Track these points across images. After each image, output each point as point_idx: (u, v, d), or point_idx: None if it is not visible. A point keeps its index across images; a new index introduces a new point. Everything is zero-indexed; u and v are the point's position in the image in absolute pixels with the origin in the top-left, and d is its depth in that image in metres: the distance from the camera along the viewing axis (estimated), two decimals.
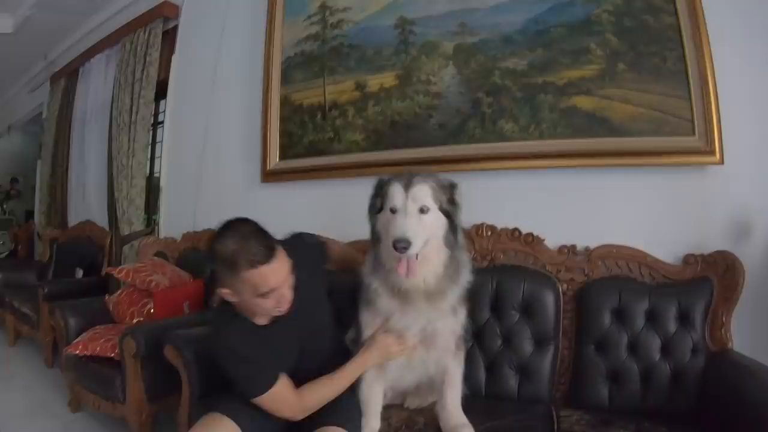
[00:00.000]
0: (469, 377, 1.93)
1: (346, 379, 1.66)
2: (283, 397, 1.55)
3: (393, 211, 1.56)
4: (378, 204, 1.65)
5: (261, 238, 1.44)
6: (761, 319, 1.96)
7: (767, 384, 1.60)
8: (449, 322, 1.70)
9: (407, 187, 1.56)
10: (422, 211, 1.55)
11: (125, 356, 2.34)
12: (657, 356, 1.94)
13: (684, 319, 1.95)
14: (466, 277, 1.69)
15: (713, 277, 1.97)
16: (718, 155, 2.00)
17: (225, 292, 1.48)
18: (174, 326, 2.33)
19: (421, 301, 1.61)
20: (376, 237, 1.67)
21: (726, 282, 1.94)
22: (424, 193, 1.56)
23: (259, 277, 1.40)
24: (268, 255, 1.41)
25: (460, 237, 1.66)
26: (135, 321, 2.76)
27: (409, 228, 1.49)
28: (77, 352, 2.55)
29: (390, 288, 1.63)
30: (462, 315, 1.74)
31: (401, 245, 1.46)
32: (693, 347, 1.91)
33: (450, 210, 1.61)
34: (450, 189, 1.63)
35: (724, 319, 1.92)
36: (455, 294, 1.66)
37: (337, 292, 2.04)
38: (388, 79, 2.68)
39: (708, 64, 2.02)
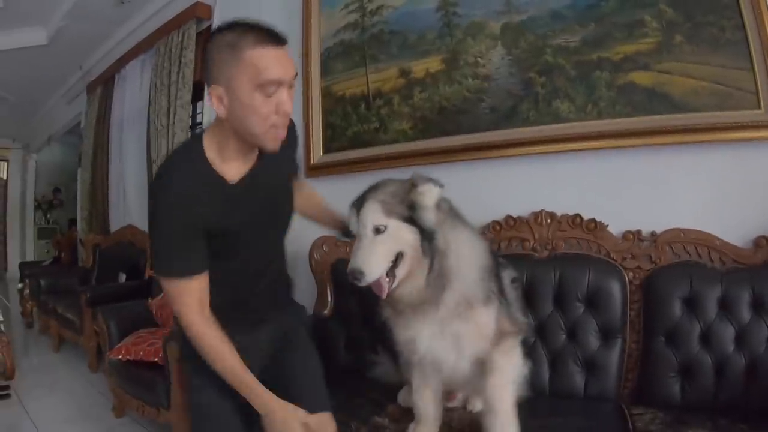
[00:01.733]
0: (532, 375, 1.80)
1: (245, 386, 1.35)
2: (191, 295, 1.29)
3: (354, 236, 1.46)
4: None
5: (274, 29, 1.25)
6: None
7: None
8: (474, 317, 1.50)
9: (358, 209, 1.43)
10: (378, 231, 1.39)
11: (170, 361, 2.29)
12: (731, 347, 1.81)
13: (758, 306, 1.80)
14: (464, 279, 1.47)
15: None
16: None
17: (216, 93, 1.22)
18: None
19: (408, 311, 1.50)
20: None
21: None
22: (372, 211, 1.40)
23: (265, 59, 1.19)
24: (279, 39, 1.23)
25: (440, 239, 1.43)
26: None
27: (359, 255, 1.37)
28: (120, 356, 2.53)
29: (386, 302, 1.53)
30: (492, 309, 1.53)
31: (352, 277, 1.36)
32: None
33: (414, 216, 1.41)
34: (408, 193, 1.43)
35: None
36: (448, 302, 1.46)
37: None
38: (433, 63, 2.59)
39: None
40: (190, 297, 1.28)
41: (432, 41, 2.60)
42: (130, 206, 4.77)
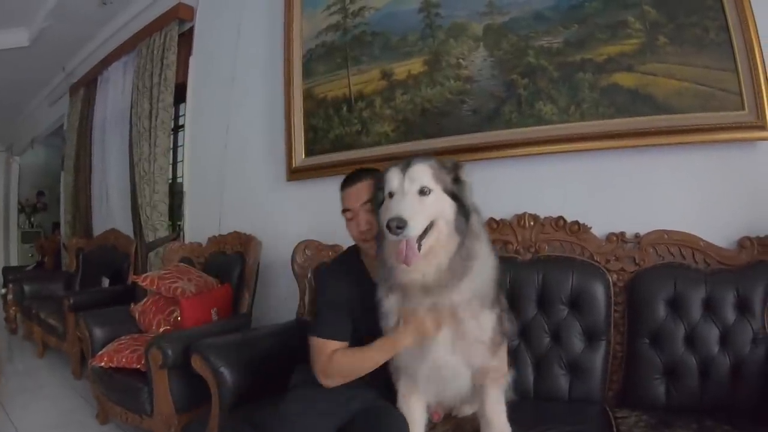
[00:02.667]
0: (516, 378, 1.82)
1: (376, 354, 1.54)
2: (322, 353, 1.59)
3: (391, 195, 1.43)
4: (381, 197, 1.51)
5: (368, 171, 1.71)
6: None
7: None
8: (477, 317, 1.49)
9: (404, 168, 1.44)
10: (422, 192, 1.39)
11: (151, 367, 2.26)
12: (716, 348, 1.81)
13: (743, 307, 1.81)
14: (483, 272, 1.47)
15: None
16: None
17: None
18: (202, 334, 2.28)
19: (419, 298, 1.44)
20: (381, 232, 1.50)
21: None
22: (422, 172, 1.42)
23: (343, 196, 1.70)
24: (356, 179, 1.68)
25: (474, 223, 1.47)
26: (161, 330, 2.69)
27: (405, 207, 1.35)
28: (102, 364, 2.48)
29: (391, 286, 1.50)
30: (494, 310, 1.53)
31: (393, 223, 1.30)
32: (753, 337, 1.78)
33: (456, 190, 1.44)
34: (454, 168, 1.48)
35: None
36: (463, 292, 1.44)
37: None
38: (415, 65, 2.57)
39: (753, 33, 1.89)
40: (321, 354, 1.59)
41: (414, 43, 2.58)
42: (112, 209, 4.72)
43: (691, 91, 1.99)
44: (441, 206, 1.41)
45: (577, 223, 2.15)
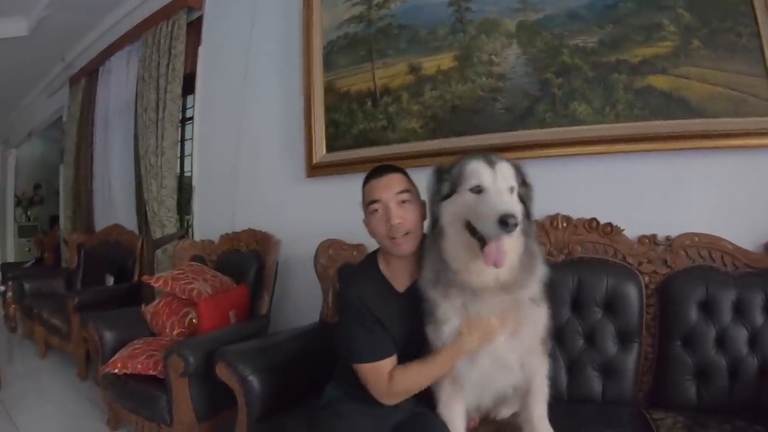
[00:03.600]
0: (550, 381, 1.76)
1: (439, 365, 1.50)
2: (381, 376, 1.52)
3: (478, 190, 1.36)
4: (445, 189, 1.44)
5: (392, 166, 1.64)
6: None
7: None
8: (532, 314, 1.48)
9: (491, 163, 1.38)
10: (510, 190, 1.37)
11: (171, 375, 2.17)
12: (745, 350, 1.84)
13: None
14: (542, 269, 1.48)
15: None
16: None
17: (364, 221, 1.62)
18: (223, 340, 2.23)
19: (492, 295, 1.40)
20: (439, 231, 1.46)
21: None
22: (508, 171, 1.39)
23: (368, 188, 1.59)
24: (383, 171, 1.60)
25: (533, 226, 1.50)
26: (175, 333, 2.61)
27: (510, 203, 1.31)
28: (116, 370, 2.38)
29: (457, 290, 1.42)
30: (544, 310, 1.53)
31: (513, 221, 1.23)
32: None
33: (524, 194, 1.45)
34: (520, 171, 1.47)
35: None
36: (532, 288, 1.45)
37: None
38: (445, 60, 2.50)
39: None
40: (377, 378, 1.52)
41: (444, 37, 2.51)
42: (116, 204, 4.62)
43: (723, 96, 2.01)
44: (518, 207, 1.38)
45: (610, 224, 2.14)
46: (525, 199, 1.44)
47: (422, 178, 1.60)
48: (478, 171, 1.37)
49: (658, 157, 2.12)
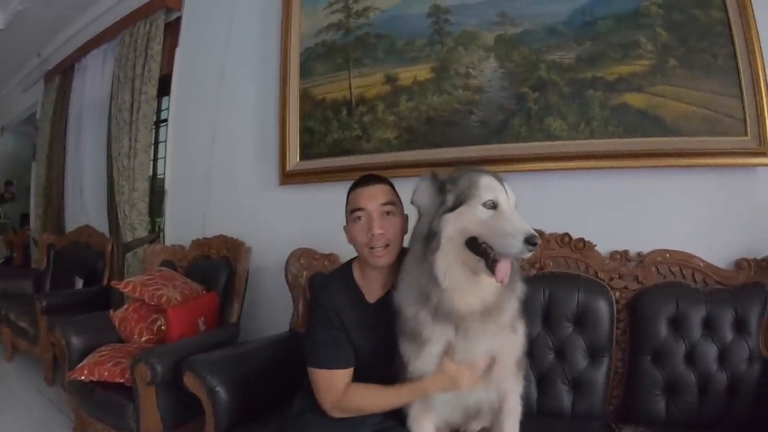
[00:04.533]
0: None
1: (400, 397, 1.49)
2: (334, 386, 1.52)
3: (491, 206, 1.32)
4: (450, 201, 1.37)
5: (379, 176, 1.63)
6: None
7: None
8: (509, 341, 1.45)
9: (500, 181, 1.37)
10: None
11: (138, 384, 2.12)
12: (714, 366, 1.88)
13: (740, 326, 1.89)
14: (521, 286, 1.46)
15: (767, 281, 1.92)
16: None
17: (345, 228, 1.62)
18: (192, 348, 2.18)
19: (477, 322, 1.36)
20: (434, 245, 1.37)
21: None
22: (511, 189, 1.38)
23: (354, 196, 1.58)
24: (370, 181, 1.59)
25: None
26: (144, 339, 2.55)
27: (525, 224, 1.28)
28: (82, 377, 2.32)
29: (441, 313, 1.37)
30: (521, 331, 1.50)
31: (537, 241, 1.24)
32: (749, 355, 1.86)
33: None
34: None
35: None
36: (514, 307, 1.43)
37: None
38: (422, 71, 2.50)
39: (759, 62, 1.98)
40: (329, 386, 1.52)
41: (421, 48, 2.51)
42: (87, 205, 4.53)
43: (698, 115, 2.05)
44: None
45: (582, 240, 2.16)
46: None
47: (398, 190, 1.62)
48: (493, 186, 1.34)
49: (632, 174, 2.15)
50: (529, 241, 1.22)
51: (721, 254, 2.04)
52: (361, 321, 1.56)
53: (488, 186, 1.33)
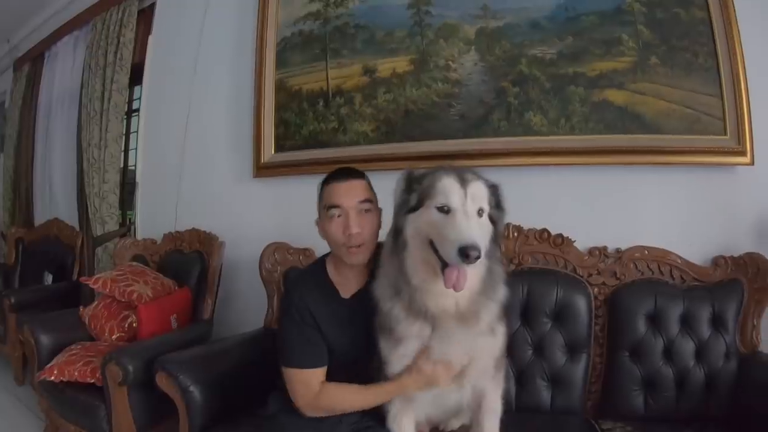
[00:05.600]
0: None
1: (377, 397, 1.48)
2: (308, 385, 1.50)
3: (445, 210, 1.28)
4: (412, 201, 1.35)
5: (353, 169, 1.59)
6: None
7: None
8: (487, 344, 1.43)
9: (464, 182, 1.29)
10: (479, 214, 1.29)
11: (109, 384, 2.05)
12: (691, 362, 1.91)
13: (717, 322, 1.93)
14: (501, 292, 1.42)
15: (743, 279, 1.96)
16: (748, 156, 2.02)
17: (318, 224, 1.59)
18: (164, 346, 2.13)
19: (452, 325, 1.35)
20: (402, 243, 1.37)
21: (757, 284, 1.93)
22: (482, 192, 1.31)
23: (329, 191, 1.53)
24: (345, 175, 1.54)
25: (500, 247, 1.44)
26: (115, 337, 2.48)
27: (475, 232, 1.22)
28: (52, 377, 2.23)
29: (415, 311, 1.36)
30: (501, 334, 1.48)
31: (474, 254, 1.16)
32: (726, 351, 1.90)
33: (496, 216, 1.36)
34: (497, 192, 1.39)
35: (755, 321, 1.92)
36: (491, 312, 1.40)
37: None
38: (401, 63, 2.47)
39: (740, 62, 2.02)
40: (303, 386, 1.49)
41: (401, 40, 2.48)
42: (57, 198, 4.42)
43: (678, 113, 2.09)
44: (485, 230, 1.33)
45: (561, 235, 2.17)
46: (496, 221, 1.37)
47: (374, 182, 1.60)
48: (447, 189, 1.28)
49: (611, 171, 2.17)
50: (462, 252, 1.17)
51: (698, 251, 2.07)
52: (336, 317, 1.53)
53: (443, 189, 1.29)
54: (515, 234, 2.20)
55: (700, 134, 2.05)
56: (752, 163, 2.01)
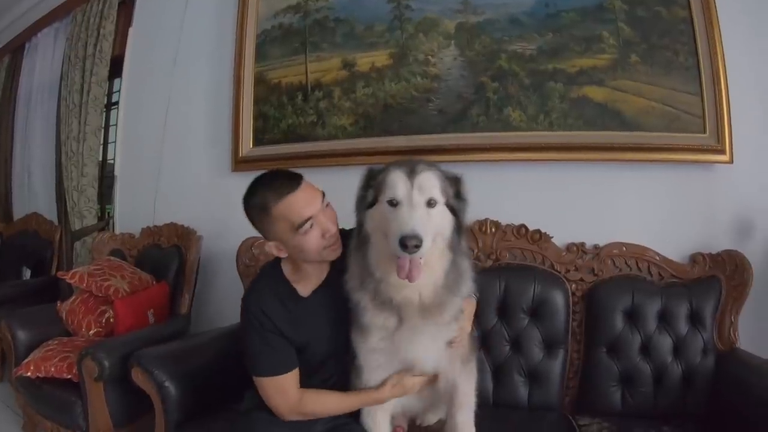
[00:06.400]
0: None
1: (355, 403, 1.51)
2: (284, 391, 1.47)
3: (393, 203, 1.28)
4: (369, 197, 1.36)
5: (284, 173, 1.48)
6: (764, 317, 2.01)
7: None
8: (451, 332, 1.45)
9: (411, 174, 1.29)
10: (429, 204, 1.28)
11: (85, 379, 2.03)
12: (669, 358, 1.93)
13: (695, 319, 1.94)
14: (467, 286, 1.44)
15: (721, 276, 1.98)
16: (728, 154, 2.03)
17: (272, 246, 1.48)
18: (140, 341, 2.12)
19: (415, 317, 1.36)
20: (364, 237, 1.39)
21: (734, 281, 1.95)
22: (431, 182, 1.30)
23: (289, 208, 1.39)
24: (292, 183, 1.42)
25: (464, 240, 1.42)
26: (92, 332, 2.45)
27: (418, 222, 1.22)
28: (29, 374, 2.21)
29: (380, 302, 1.37)
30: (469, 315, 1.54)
31: (412, 243, 1.17)
32: (703, 347, 1.91)
33: (456, 206, 1.35)
34: (456, 182, 1.39)
35: (732, 318, 1.94)
36: (455, 306, 1.41)
37: None
38: (380, 57, 2.46)
39: (720, 61, 2.04)
40: (278, 393, 1.46)
41: (381, 33, 2.47)
42: (36, 192, 4.35)
43: (657, 111, 2.10)
44: (442, 221, 1.32)
45: (538, 231, 2.17)
46: (458, 212, 1.35)
47: (352, 177, 1.52)
48: (394, 183, 1.29)
49: (590, 167, 2.17)
50: (401, 242, 1.19)
51: (677, 248, 2.09)
52: (297, 317, 1.50)
53: (391, 183, 1.30)
54: (493, 229, 2.20)
55: (680, 132, 2.06)
56: (731, 161, 2.03)
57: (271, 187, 1.42)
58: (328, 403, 1.49)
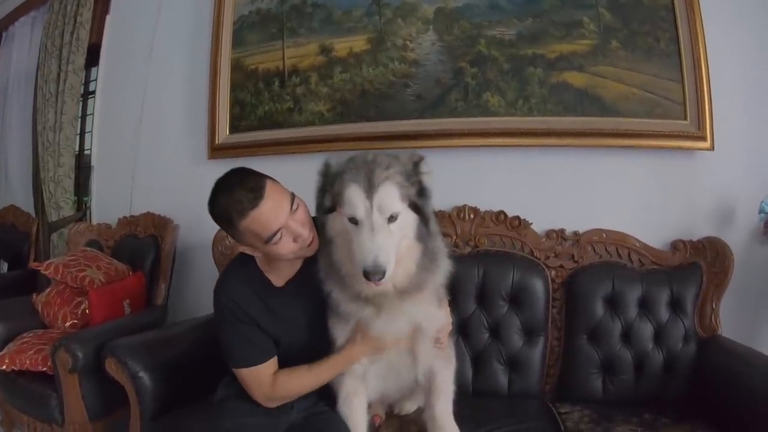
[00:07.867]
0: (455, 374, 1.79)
1: (327, 372, 1.47)
2: (260, 380, 1.46)
3: (354, 222, 1.24)
4: (327, 203, 1.32)
5: (246, 182, 1.34)
6: (746, 305, 2.04)
7: (759, 369, 1.64)
8: (432, 314, 1.45)
9: (370, 191, 1.22)
10: (392, 218, 1.23)
11: (60, 372, 2.00)
12: (650, 345, 1.94)
13: (676, 306, 1.95)
14: (445, 264, 1.42)
15: (702, 263, 1.99)
16: (708, 141, 2.04)
17: (245, 249, 1.45)
18: (115, 332, 2.10)
19: (393, 302, 1.33)
20: (327, 237, 1.36)
21: (716, 268, 1.97)
22: (391, 197, 1.23)
23: (256, 223, 1.32)
24: (254, 198, 1.31)
25: (433, 224, 1.38)
26: (68, 324, 2.41)
27: (381, 249, 1.18)
28: (3, 367, 2.17)
29: (352, 295, 1.35)
30: (446, 309, 1.53)
31: (376, 277, 1.17)
32: (685, 334, 1.92)
33: (420, 203, 1.30)
34: (416, 172, 1.31)
35: (713, 305, 1.95)
36: (435, 283, 1.41)
37: None
38: (358, 43, 2.43)
39: (701, 48, 2.04)
40: (256, 383, 1.46)
41: (358, 19, 2.44)
42: (12, 183, 4.28)
43: (638, 97, 2.10)
44: (406, 224, 1.28)
45: (518, 218, 2.17)
46: (421, 208, 1.30)
47: None
48: (353, 201, 1.23)
49: (570, 153, 2.17)
50: (366, 275, 1.18)
51: (657, 235, 2.09)
52: (271, 308, 1.48)
53: (349, 200, 1.24)
54: (471, 216, 2.20)
55: (661, 118, 2.07)
56: (712, 148, 2.03)
57: (233, 199, 1.32)
58: (303, 377, 1.46)
